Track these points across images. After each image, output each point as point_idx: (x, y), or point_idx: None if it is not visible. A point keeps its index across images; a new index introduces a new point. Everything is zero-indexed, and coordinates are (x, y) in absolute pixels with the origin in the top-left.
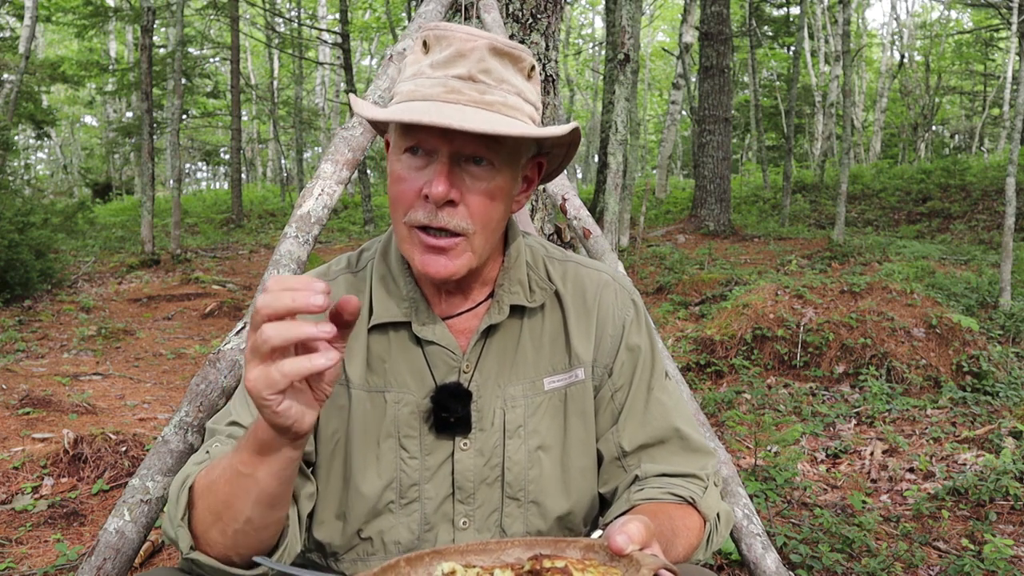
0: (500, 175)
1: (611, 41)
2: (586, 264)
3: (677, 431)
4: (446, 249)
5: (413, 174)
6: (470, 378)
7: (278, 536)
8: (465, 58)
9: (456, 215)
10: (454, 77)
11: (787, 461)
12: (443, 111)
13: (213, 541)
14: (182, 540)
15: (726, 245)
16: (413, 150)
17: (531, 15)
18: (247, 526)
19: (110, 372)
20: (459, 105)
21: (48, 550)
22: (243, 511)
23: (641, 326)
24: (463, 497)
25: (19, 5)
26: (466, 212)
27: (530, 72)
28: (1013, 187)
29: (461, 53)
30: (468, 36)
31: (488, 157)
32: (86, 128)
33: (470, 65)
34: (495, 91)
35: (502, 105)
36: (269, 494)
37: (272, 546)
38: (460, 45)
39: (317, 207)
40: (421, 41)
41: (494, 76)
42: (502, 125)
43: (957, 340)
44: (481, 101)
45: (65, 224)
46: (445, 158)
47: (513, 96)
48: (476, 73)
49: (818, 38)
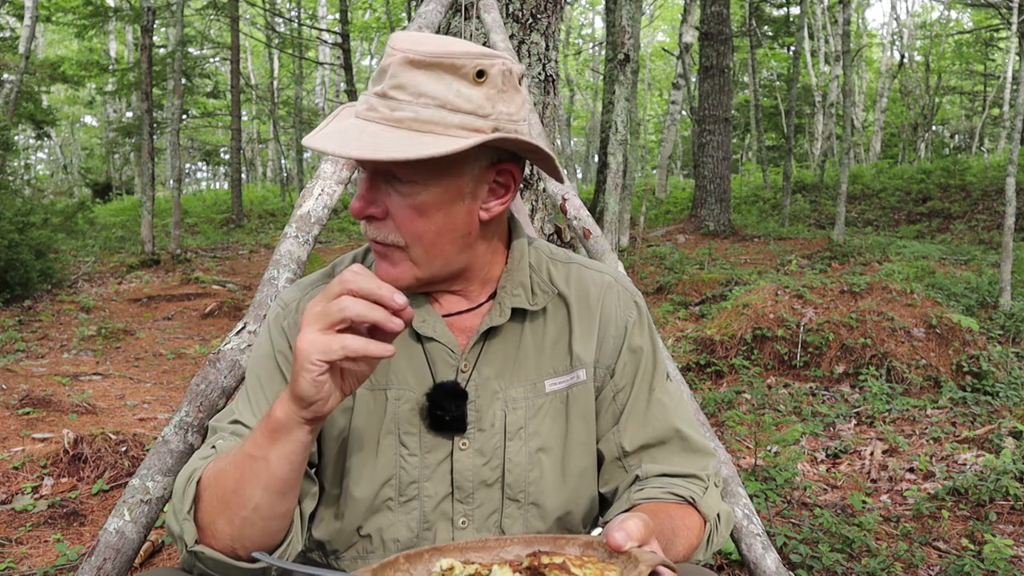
0: (427, 191)
1: (611, 41)
2: (589, 266)
3: (678, 432)
4: (387, 255)
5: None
6: (468, 377)
7: (284, 531)
8: (384, 73)
9: (383, 228)
10: (374, 94)
11: (787, 461)
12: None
13: (219, 532)
14: (188, 533)
15: (726, 245)
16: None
17: (531, 15)
18: (255, 514)
19: (110, 372)
20: (370, 123)
21: (48, 550)
22: (252, 497)
23: (643, 328)
24: (462, 497)
25: (19, 5)
26: (394, 226)
27: (477, 76)
28: (1013, 187)
29: (383, 68)
30: (390, 51)
31: (405, 176)
32: (86, 128)
33: (385, 81)
34: (407, 107)
35: (412, 121)
36: (279, 479)
37: (278, 541)
38: (385, 59)
39: (317, 207)
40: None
41: (409, 91)
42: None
43: (957, 340)
44: (391, 119)
45: (65, 224)
46: (368, 175)
47: (432, 109)
48: (388, 90)
49: (818, 38)
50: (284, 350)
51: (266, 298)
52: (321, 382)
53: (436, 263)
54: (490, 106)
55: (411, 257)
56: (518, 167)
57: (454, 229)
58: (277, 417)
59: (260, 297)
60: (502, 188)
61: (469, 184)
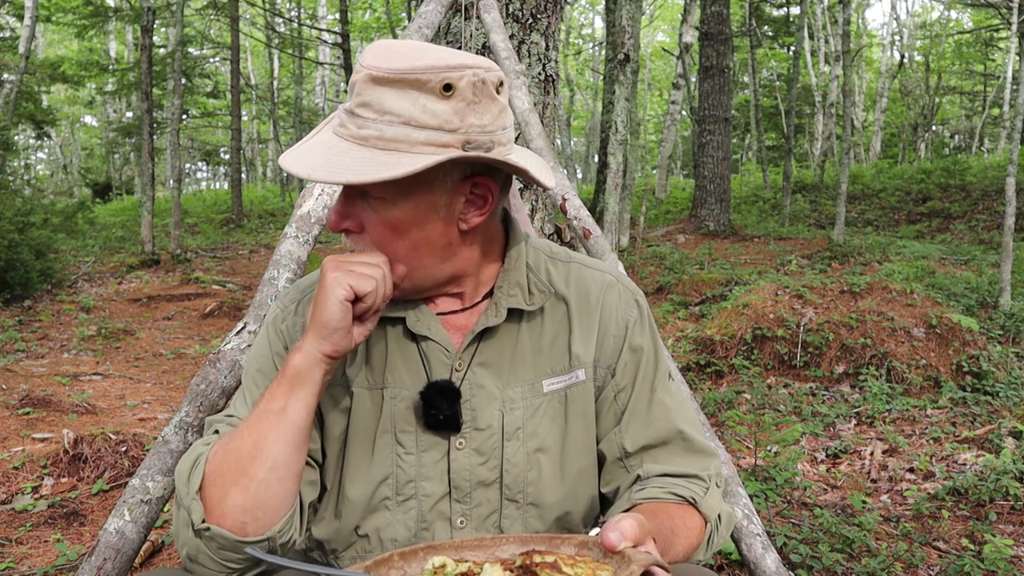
0: (398, 207)
1: (611, 41)
2: (590, 265)
3: (680, 432)
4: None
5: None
6: (462, 376)
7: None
8: (352, 90)
9: (360, 242)
10: (344, 110)
11: (787, 461)
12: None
13: (230, 506)
14: (195, 512)
15: (726, 245)
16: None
17: (531, 15)
18: (272, 473)
19: (110, 372)
20: (343, 140)
21: (48, 550)
22: (271, 453)
23: (644, 327)
24: (460, 496)
25: (19, 5)
26: (369, 241)
27: (444, 90)
28: (1013, 187)
29: (352, 84)
30: (359, 67)
31: (376, 192)
32: (86, 128)
33: (352, 99)
34: (372, 125)
35: (377, 139)
36: (297, 427)
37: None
38: (354, 75)
39: (317, 207)
40: None
41: (375, 108)
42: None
43: (957, 340)
44: (357, 136)
45: (65, 224)
46: (343, 192)
47: (396, 127)
48: (355, 107)
49: (818, 38)
50: (281, 351)
51: (266, 298)
52: (347, 308)
53: (417, 275)
54: (458, 120)
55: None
56: (494, 180)
57: (430, 243)
58: (295, 364)
59: (260, 297)
60: (480, 199)
61: (443, 198)
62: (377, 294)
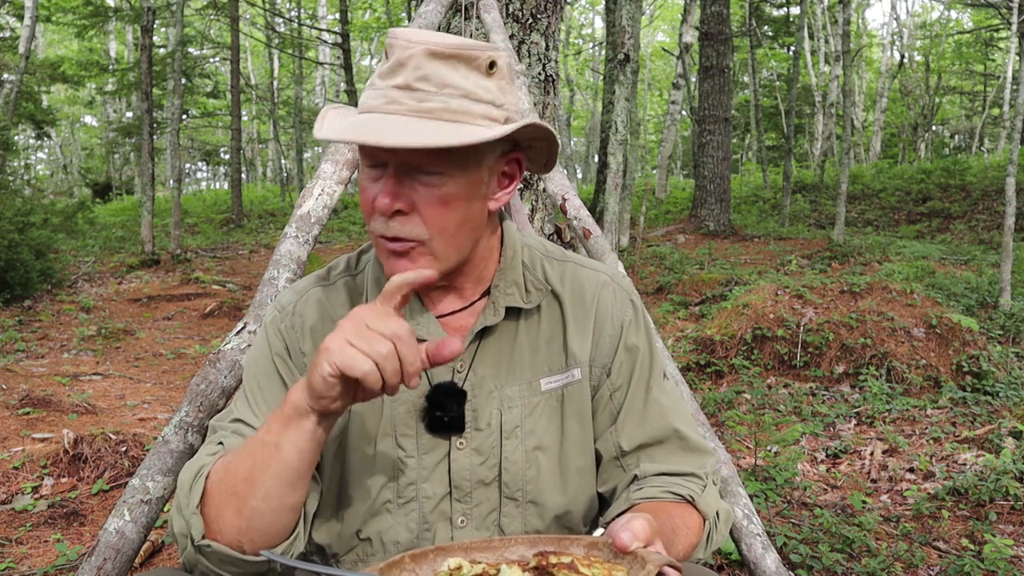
0: (453, 181)
1: (611, 41)
2: (585, 264)
3: (676, 431)
4: (405, 253)
5: (370, 185)
6: (464, 377)
7: (291, 527)
8: (403, 67)
9: (408, 223)
10: (393, 87)
11: (787, 461)
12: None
13: (227, 524)
14: (195, 527)
15: (726, 245)
16: (370, 163)
17: (531, 15)
18: (264, 503)
19: (110, 372)
20: (397, 116)
21: (48, 550)
22: (262, 484)
23: (640, 326)
24: (460, 496)
25: (19, 5)
26: (419, 220)
27: (489, 68)
28: (1013, 187)
29: (400, 61)
30: (407, 43)
31: (433, 167)
32: (86, 128)
33: (407, 74)
34: (435, 98)
35: (443, 111)
36: (288, 466)
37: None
38: (400, 53)
39: (317, 207)
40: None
41: (434, 82)
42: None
43: (957, 340)
44: (420, 110)
45: (65, 224)
46: (392, 170)
47: (458, 99)
48: (413, 82)
49: (818, 38)
50: (281, 352)
51: (266, 298)
52: (332, 383)
53: (453, 256)
54: (503, 96)
55: (431, 251)
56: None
57: (471, 219)
58: (292, 400)
59: (260, 297)
60: (507, 179)
61: (486, 174)
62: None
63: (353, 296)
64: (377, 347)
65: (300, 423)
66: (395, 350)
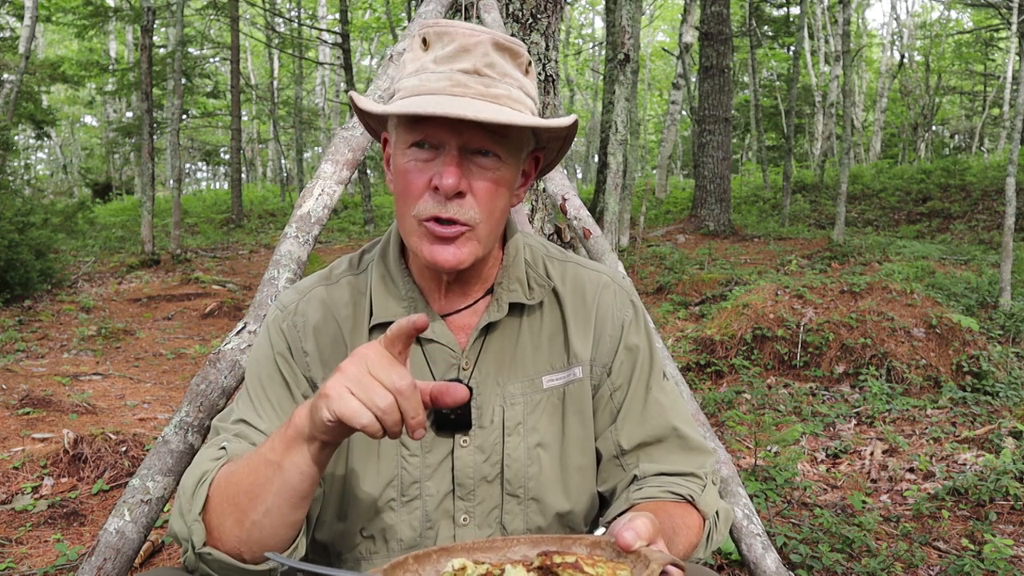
0: (505, 166)
1: (611, 41)
2: (586, 265)
3: (675, 430)
4: (453, 238)
5: (420, 167)
6: (469, 375)
7: (292, 539)
8: (469, 52)
9: (465, 205)
10: (459, 71)
11: (787, 461)
12: (453, 104)
13: (227, 534)
14: (196, 534)
15: (726, 245)
16: (420, 144)
17: (531, 15)
18: (265, 518)
19: (110, 372)
20: (466, 98)
21: (48, 550)
22: (264, 500)
23: (640, 326)
24: (463, 494)
25: (19, 5)
26: (474, 202)
27: (527, 67)
28: (1013, 187)
29: (465, 48)
30: (471, 31)
31: (494, 149)
32: (86, 128)
33: (475, 59)
34: (499, 84)
35: (507, 98)
36: (291, 487)
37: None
38: (464, 40)
39: (317, 207)
40: (420, 38)
41: (498, 70)
42: (512, 117)
43: (957, 340)
44: (487, 94)
45: (65, 224)
46: (454, 150)
47: (516, 90)
48: (481, 67)
49: (818, 38)
50: (283, 351)
51: (266, 298)
52: (332, 427)
53: (490, 244)
54: (536, 95)
55: (478, 236)
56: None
57: (506, 209)
58: (296, 423)
59: (260, 297)
60: (525, 176)
61: (520, 166)
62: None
63: (356, 295)
64: (378, 400)
65: (302, 447)
66: (396, 403)
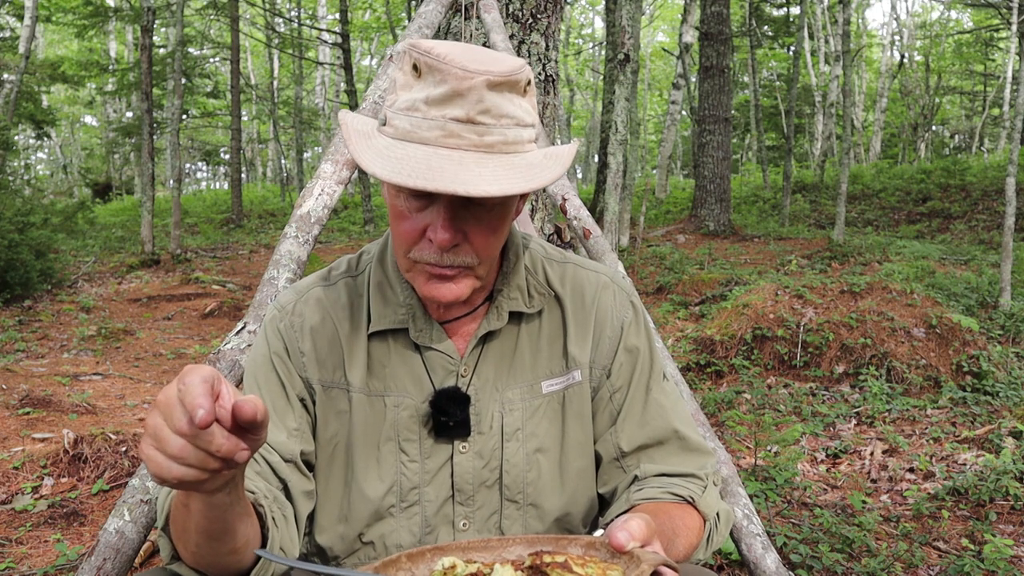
0: (501, 207)
1: (611, 41)
2: (585, 265)
3: (675, 432)
4: (451, 277)
5: (415, 215)
6: (468, 382)
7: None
8: (463, 97)
9: (461, 253)
10: (452, 119)
11: (787, 461)
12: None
13: (184, 553)
14: (163, 548)
15: (726, 245)
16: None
17: (531, 15)
18: (199, 549)
19: (110, 372)
20: (459, 151)
21: (48, 550)
22: (191, 537)
23: (640, 327)
24: (463, 499)
25: (19, 5)
26: (471, 249)
27: (526, 87)
28: (1013, 187)
29: (458, 92)
30: (463, 72)
31: (491, 201)
32: (86, 128)
33: (468, 107)
34: (495, 131)
35: (502, 144)
36: (204, 527)
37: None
38: (456, 84)
39: (317, 207)
40: (411, 64)
41: (493, 114)
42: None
43: (957, 340)
44: (481, 144)
45: (65, 224)
46: (446, 203)
47: (513, 129)
48: (475, 115)
49: (818, 38)
50: (280, 351)
51: (266, 298)
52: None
53: (492, 274)
54: (534, 111)
55: (476, 274)
56: None
57: (504, 236)
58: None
59: (260, 297)
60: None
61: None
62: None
63: (353, 297)
64: (169, 447)
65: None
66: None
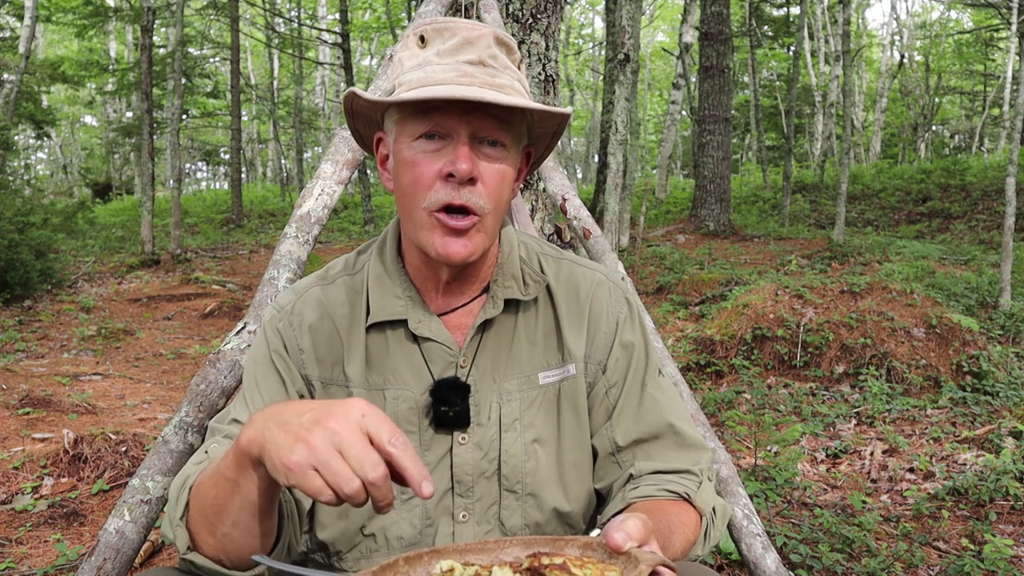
0: (509, 156)
1: (611, 41)
2: (581, 263)
3: (671, 427)
4: (464, 230)
5: (430, 157)
6: (467, 372)
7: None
8: (473, 45)
9: (476, 192)
10: (465, 62)
11: (787, 461)
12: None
13: (203, 542)
14: (180, 540)
15: (726, 245)
16: (429, 135)
17: (531, 15)
18: (233, 530)
19: (110, 372)
20: (475, 87)
21: (48, 550)
22: (229, 515)
23: (635, 323)
24: (462, 491)
25: (19, 5)
26: (484, 190)
27: (519, 63)
28: (1013, 187)
29: (469, 40)
30: (472, 25)
31: (501, 139)
32: (86, 128)
33: (479, 51)
34: (503, 75)
35: (510, 88)
36: (251, 502)
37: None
38: (467, 33)
39: (317, 207)
40: (417, 36)
41: (499, 62)
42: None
43: (957, 340)
44: (494, 84)
45: (65, 224)
46: (465, 138)
47: (516, 81)
48: (486, 58)
49: (818, 38)
50: (279, 349)
51: (266, 298)
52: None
53: (495, 235)
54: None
55: (485, 228)
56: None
57: (508, 201)
58: (242, 444)
59: (260, 297)
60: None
61: (520, 158)
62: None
63: (352, 295)
64: (344, 485)
65: (250, 472)
66: (363, 489)
